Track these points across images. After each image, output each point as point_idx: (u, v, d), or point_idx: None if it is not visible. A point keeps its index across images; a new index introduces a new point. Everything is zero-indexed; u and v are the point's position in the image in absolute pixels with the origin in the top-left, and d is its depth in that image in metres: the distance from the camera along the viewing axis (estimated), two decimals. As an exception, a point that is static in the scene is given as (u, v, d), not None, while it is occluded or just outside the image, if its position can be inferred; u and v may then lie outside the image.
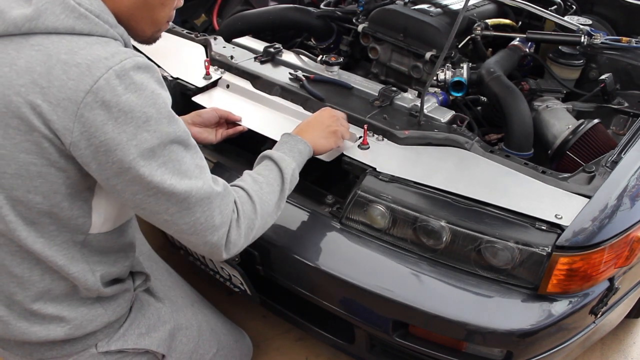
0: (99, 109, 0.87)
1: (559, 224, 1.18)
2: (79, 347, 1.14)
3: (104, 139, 0.88)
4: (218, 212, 1.00)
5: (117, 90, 0.87)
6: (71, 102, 0.86)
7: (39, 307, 1.06)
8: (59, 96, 0.87)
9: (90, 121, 0.87)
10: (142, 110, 0.89)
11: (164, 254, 1.62)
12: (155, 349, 1.25)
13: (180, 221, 0.97)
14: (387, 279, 1.25)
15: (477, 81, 1.69)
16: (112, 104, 0.87)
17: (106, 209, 1.04)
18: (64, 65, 0.87)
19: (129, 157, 0.89)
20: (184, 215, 0.97)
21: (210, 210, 0.98)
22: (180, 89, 1.72)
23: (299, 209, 1.40)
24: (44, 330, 1.07)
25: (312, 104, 1.56)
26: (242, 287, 1.51)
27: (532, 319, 1.18)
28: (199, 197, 0.96)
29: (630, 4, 2.13)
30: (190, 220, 0.98)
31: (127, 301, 1.20)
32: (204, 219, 0.98)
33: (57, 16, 0.89)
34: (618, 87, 1.74)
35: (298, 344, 1.85)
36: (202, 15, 2.44)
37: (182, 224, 0.98)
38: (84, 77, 0.86)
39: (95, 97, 0.86)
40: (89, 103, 0.86)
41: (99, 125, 0.87)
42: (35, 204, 0.96)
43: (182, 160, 0.95)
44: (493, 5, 2.11)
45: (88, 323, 1.11)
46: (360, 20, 2.02)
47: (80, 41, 0.90)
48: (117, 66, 0.88)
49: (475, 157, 1.37)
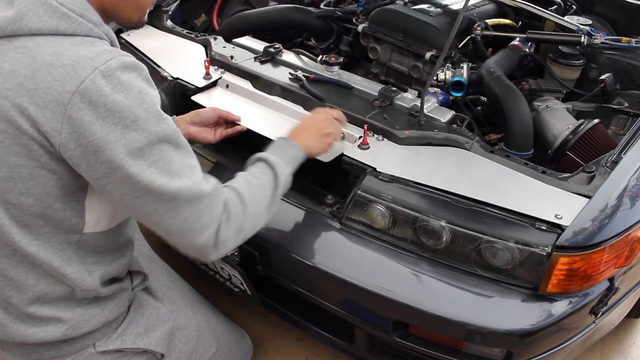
0: (86, 109, 0.87)
1: (559, 224, 1.18)
2: (77, 347, 1.14)
3: (93, 139, 0.88)
4: (207, 212, 0.98)
5: (103, 91, 0.87)
6: (58, 103, 0.86)
7: (35, 309, 1.06)
8: (46, 98, 0.87)
9: (78, 122, 0.87)
10: (129, 110, 0.88)
11: (164, 253, 1.62)
12: (154, 348, 1.25)
13: (169, 222, 0.96)
14: (387, 279, 1.25)
15: (477, 81, 1.69)
16: (99, 104, 0.87)
17: (99, 209, 1.04)
18: (49, 67, 0.87)
19: (118, 157, 0.89)
20: (172, 216, 0.96)
21: (199, 211, 0.97)
22: (180, 89, 1.72)
23: (299, 209, 1.40)
24: (41, 331, 1.07)
25: (312, 104, 1.56)
26: (242, 287, 1.51)
27: (532, 319, 1.18)
28: (188, 197, 0.95)
29: (630, 4, 2.13)
30: (179, 221, 0.96)
31: (124, 300, 1.20)
32: (192, 219, 0.97)
33: (40, 17, 0.89)
34: (618, 87, 1.74)
35: (298, 344, 1.85)
36: (202, 15, 2.44)
37: (170, 224, 0.97)
38: (70, 78, 0.86)
39: (82, 97, 0.86)
40: (76, 104, 0.86)
41: (87, 126, 0.87)
42: (28, 206, 0.96)
43: (171, 160, 0.94)
44: (493, 5, 2.11)
45: (85, 323, 1.11)
46: (360, 20, 2.02)
47: (64, 42, 0.90)
48: (103, 66, 0.88)
49: (475, 157, 1.38)
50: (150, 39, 1.98)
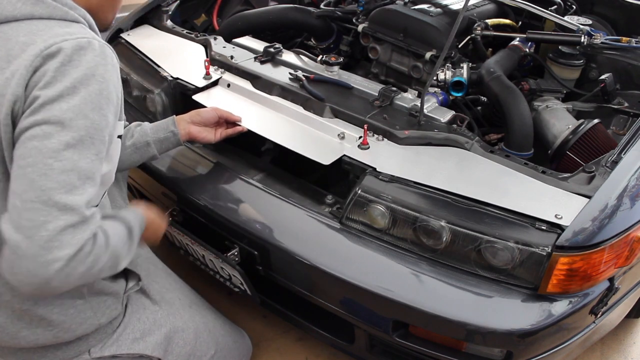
0: (42, 67, 0.89)
1: (559, 224, 1.18)
2: (72, 353, 1.14)
3: (36, 94, 0.88)
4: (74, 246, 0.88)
5: (62, 59, 0.89)
6: (25, 68, 0.89)
7: (28, 307, 1.04)
8: (14, 69, 0.89)
9: (35, 77, 0.89)
10: (73, 85, 0.89)
11: (164, 253, 1.62)
12: (150, 353, 1.25)
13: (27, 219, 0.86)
14: (387, 279, 1.25)
15: (477, 81, 1.69)
16: (51, 67, 0.89)
17: None
18: (23, 45, 0.91)
19: (45, 112, 0.88)
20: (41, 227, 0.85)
21: (59, 225, 0.86)
22: (180, 89, 1.72)
23: (299, 209, 1.40)
24: (32, 335, 1.06)
25: (312, 104, 1.56)
26: (242, 287, 1.51)
27: (532, 319, 1.18)
28: (72, 220, 0.87)
29: (630, 4, 2.13)
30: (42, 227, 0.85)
31: (117, 303, 1.19)
32: (51, 235, 0.85)
33: (14, 5, 0.93)
34: (618, 87, 1.74)
35: (298, 344, 1.85)
36: (202, 15, 2.44)
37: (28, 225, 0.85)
38: (37, 45, 0.90)
39: (42, 60, 0.89)
40: (34, 62, 0.89)
41: (37, 81, 0.89)
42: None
43: (79, 161, 0.89)
44: (493, 5, 2.11)
45: (77, 326, 1.10)
46: (360, 20, 2.02)
47: (40, 24, 0.93)
48: (73, 41, 0.91)
49: (475, 157, 1.38)
50: (150, 39, 1.98)
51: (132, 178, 1.76)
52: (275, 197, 1.44)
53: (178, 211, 1.58)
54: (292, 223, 1.39)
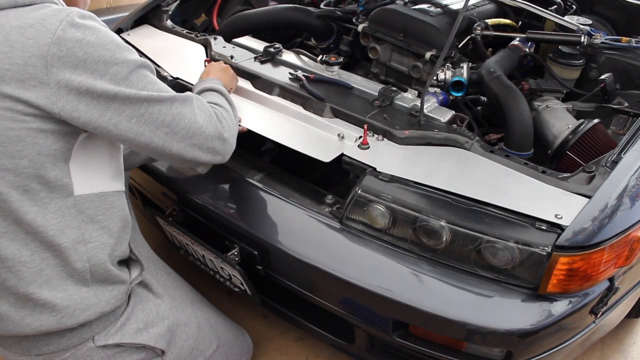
0: (66, 57, 0.95)
1: (559, 224, 1.18)
2: (76, 341, 1.14)
3: (80, 80, 0.97)
4: (200, 109, 1.13)
5: (76, 36, 0.96)
6: (38, 58, 0.94)
7: (34, 290, 1.06)
8: (25, 55, 0.94)
9: (62, 70, 0.95)
10: (105, 48, 0.99)
11: (164, 253, 1.62)
12: (153, 344, 1.25)
13: (178, 127, 1.08)
14: (387, 279, 1.25)
15: (477, 81, 1.69)
16: (76, 49, 0.96)
17: (83, 169, 1.08)
18: (19, 29, 0.95)
19: (110, 88, 0.99)
20: (178, 121, 1.08)
21: (194, 109, 1.11)
22: (180, 89, 1.72)
23: (299, 209, 1.40)
24: (36, 321, 1.08)
25: (312, 104, 1.56)
26: (242, 287, 1.51)
27: (532, 318, 1.18)
28: (182, 99, 1.10)
29: (631, 4, 2.13)
30: (184, 124, 1.09)
31: (122, 293, 1.20)
32: (193, 119, 1.10)
33: None
34: (618, 87, 1.74)
35: (298, 343, 1.85)
36: (202, 15, 2.44)
37: (180, 129, 1.09)
38: (42, 33, 0.95)
39: (59, 47, 0.95)
40: (55, 54, 0.95)
41: (72, 71, 0.96)
42: (23, 168, 1.00)
43: (155, 81, 1.08)
44: (493, 5, 2.11)
45: (81, 312, 1.11)
46: (360, 20, 2.02)
47: (24, 10, 0.99)
48: (67, 18, 0.97)
49: (475, 157, 1.38)
50: (150, 39, 1.98)
51: (133, 178, 1.76)
52: (275, 197, 1.44)
53: (178, 211, 1.58)
54: (292, 223, 1.39)
